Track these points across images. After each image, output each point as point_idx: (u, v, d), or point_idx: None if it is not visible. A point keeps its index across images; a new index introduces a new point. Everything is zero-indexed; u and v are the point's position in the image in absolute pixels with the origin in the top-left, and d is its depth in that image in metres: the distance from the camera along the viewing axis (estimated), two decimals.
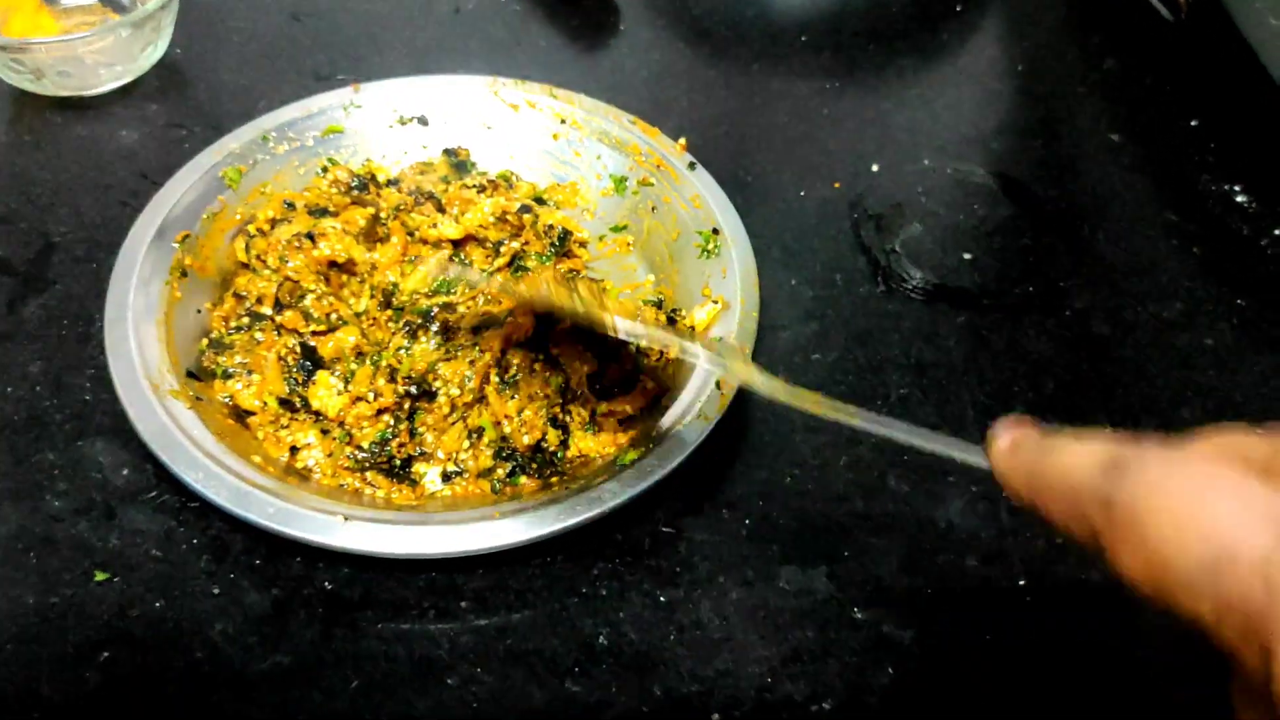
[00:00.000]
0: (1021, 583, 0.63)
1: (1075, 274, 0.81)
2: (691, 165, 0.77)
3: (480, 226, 0.74)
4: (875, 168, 0.88)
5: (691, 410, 0.64)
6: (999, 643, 0.61)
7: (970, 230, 0.84)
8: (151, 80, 0.89)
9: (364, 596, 0.60)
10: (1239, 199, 0.88)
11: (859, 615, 0.61)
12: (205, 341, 0.69)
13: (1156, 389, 0.74)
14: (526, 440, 0.65)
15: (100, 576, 0.60)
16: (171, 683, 0.56)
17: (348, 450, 0.65)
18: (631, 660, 0.59)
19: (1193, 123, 0.95)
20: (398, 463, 0.65)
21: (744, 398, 0.71)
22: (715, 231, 0.74)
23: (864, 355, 0.74)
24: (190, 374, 0.67)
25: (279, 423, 0.66)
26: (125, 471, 0.64)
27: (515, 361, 0.68)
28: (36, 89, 0.85)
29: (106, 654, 0.57)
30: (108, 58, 0.84)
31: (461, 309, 0.70)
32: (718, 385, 0.65)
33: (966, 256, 0.82)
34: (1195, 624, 0.31)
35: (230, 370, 0.67)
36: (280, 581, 0.60)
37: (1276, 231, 0.85)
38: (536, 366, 0.68)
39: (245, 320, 0.70)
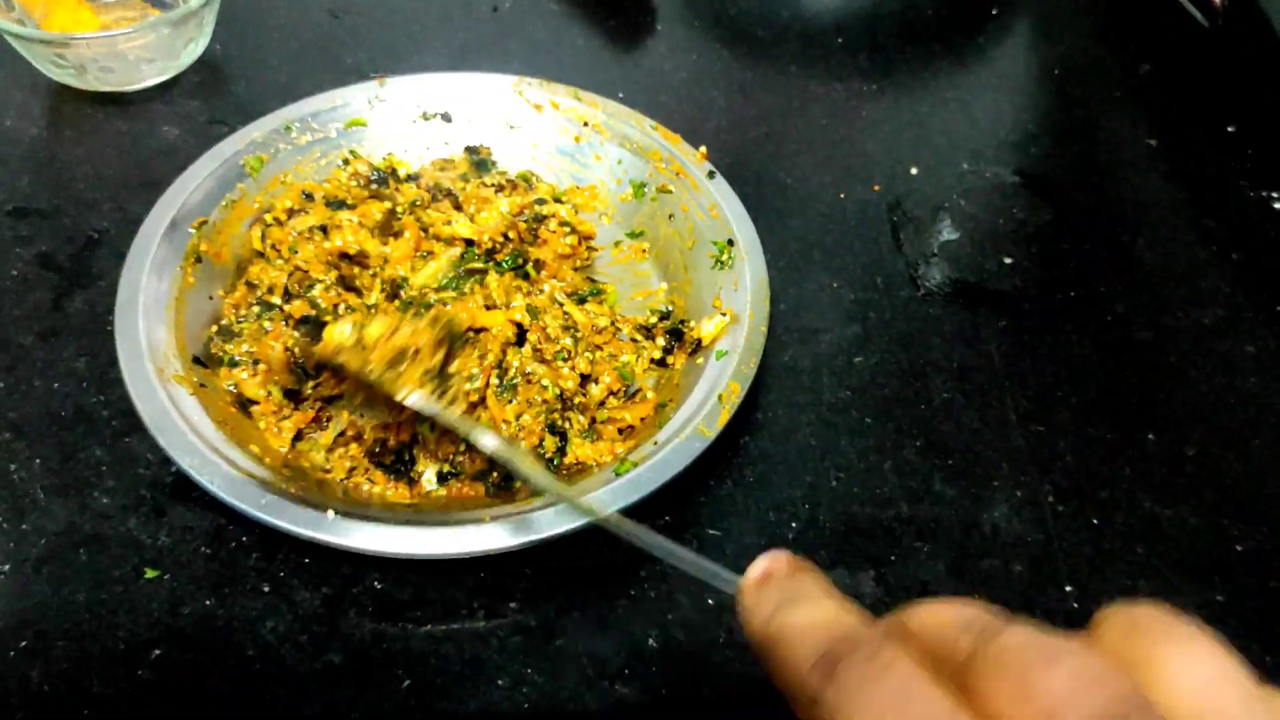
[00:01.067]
0: (1068, 589, 0.63)
1: (1115, 279, 0.81)
2: (711, 174, 0.77)
3: (493, 228, 0.74)
4: (914, 171, 0.88)
5: (691, 424, 0.63)
6: None
7: (1009, 234, 0.84)
8: (192, 77, 0.89)
9: (414, 596, 0.60)
10: (1277, 205, 0.88)
11: None
12: (214, 328, 0.69)
13: (1199, 395, 0.74)
14: (524, 445, 0.65)
15: (150, 574, 0.60)
16: (223, 680, 0.57)
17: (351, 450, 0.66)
18: (681, 662, 0.59)
19: (1229, 128, 0.95)
20: (392, 458, 0.65)
21: (786, 395, 0.71)
22: (730, 243, 0.73)
23: (906, 359, 0.74)
24: (197, 360, 0.67)
25: (281, 413, 0.67)
26: (173, 468, 0.64)
27: (515, 365, 0.67)
28: (79, 84, 0.85)
29: (158, 651, 0.57)
30: (150, 53, 0.85)
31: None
32: (720, 399, 0.64)
33: (1006, 260, 0.82)
34: None
35: (237, 359, 0.67)
36: (330, 580, 0.61)
37: None
38: (537, 372, 0.68)
39: (255, 309, 0.70)
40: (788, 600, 0.37)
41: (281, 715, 0.56)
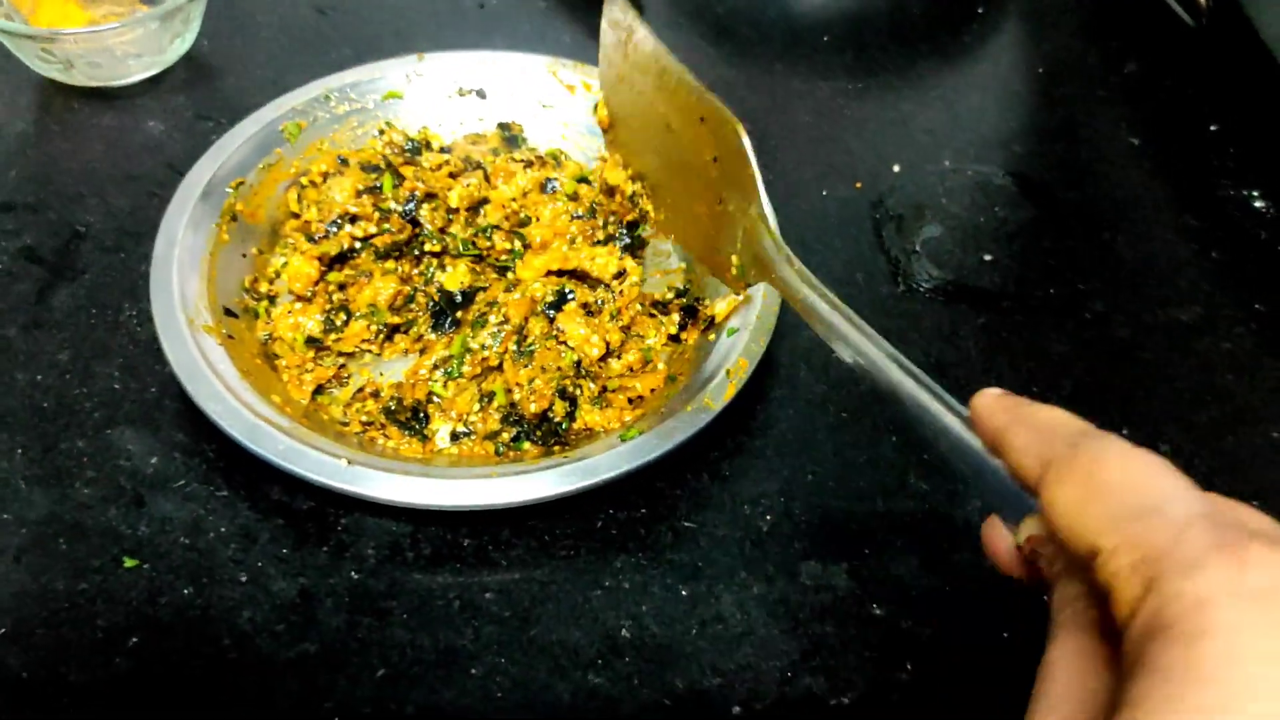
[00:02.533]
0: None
1: (1095, 277, 0.82)
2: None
3: (511, 200, 0.76)
4: (896, 168, 0.89)
5: (698, 397, 0.65)
6: (1017, 640, 0.61)
7: (990, 232, 0.85)
8: (179, 72, 0.90)
9: (390, 586, 0.61)
10: (1258, 204, 0.88)
11: (879, 611, 0.62)
12: (247, 281, 0.72)
13: (1176, 392, 0.74)
14: (533, 408, 0.66)
15: (129, 563, 0.61)
16: (199, 669, 0.57)
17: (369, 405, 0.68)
18: (654, 653, 0.60)
19: (1212, 127, 0.95)
20: (408, 414, 0.68)
21: (762, 389, 0.72)
22: None
23: None
24: (228, 311, 0.69)
25: (304, 366, 0.69)
26: (154, 460, 0.65)
27: (536, 332, 0.69)
28: (66, 79, 0.85)
29: (135, 640, 0.58)
30: (137, 49, 0.85)
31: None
32: (728, 374, 0.65)
33: (987, 258, 0.82)
34: (1085, 555, 0.35)
35: (275, 296, 0.72)
36: (307, 571, 0.61)
37: None
38: (551, 342, 0.69)
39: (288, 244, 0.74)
40: (1032, 403, 0.41)
41: (255, 703, 0.56)
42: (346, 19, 0.97)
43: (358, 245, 0.73)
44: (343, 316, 0.70)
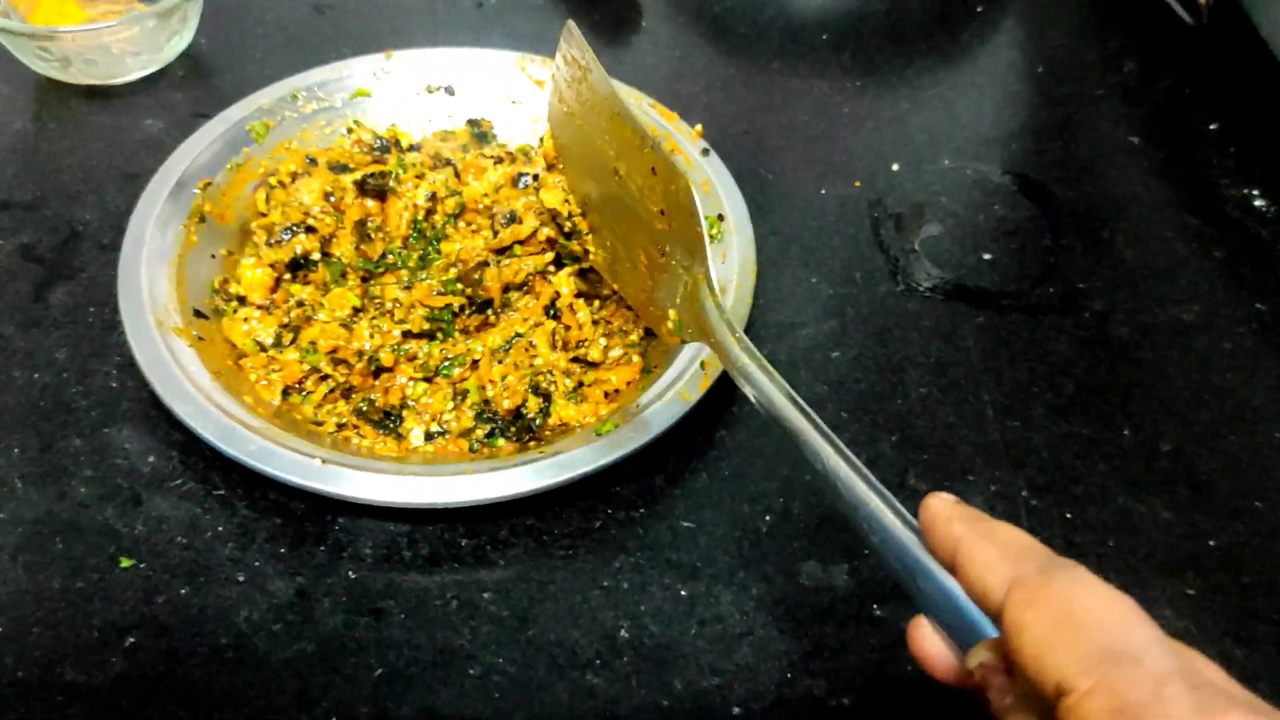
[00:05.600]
0: None
1: (1094, 276, 0.81)
2: (705, 151, 0.79)
3: (483, 195, 0.76)
4: (895, 167, 0.88)
5: (673, 389, 0.65)
6: None
7: (989, 230, 0.84)
8: (177, 70, 0.90)
9: (387, 586, 0.61)
10: (1258, 203, 0.88)
11: (879, 612, 0.62)
12: (216, 282, 0.71)
13: (1175, 391, 0.74)
14: (507, 404, 0.66)
15: (126, 563, 0.61)
16: (195, 669, 0.57)
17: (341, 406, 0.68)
18: (652, 653, 0.59)
19: (1212, 126, 0.95)
20: (380, 415, 0.67)
21: (743, 401, 0.71)
22: (720, 217, 0.74)
23: (883, 354, 0.75)
24: (198, 313, 0.69)
25: (270, 367, 0.68)
26: (151, 458, 0.65)
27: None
28: (63, 77, 0.85)
29: (131, 639, 0.58)
30: (134, 47, 0.85)
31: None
32: (701, 365, 0.66)
33: (986, 257, 0.82)
34: (1049, 688, 0.35)
35: (238, 298, 0.71)
36: (305, 570, 0.61)
37: None
38: (543, 354, 0.69)
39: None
40: (988, 518, 0.42)
41: (252, 702, 0.56)
42: (345, 17, 0.97)
43: (315, 256, 0.72)
44: (290, 337, 0.69)
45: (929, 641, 0.42)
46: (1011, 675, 0.39)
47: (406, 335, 0.69)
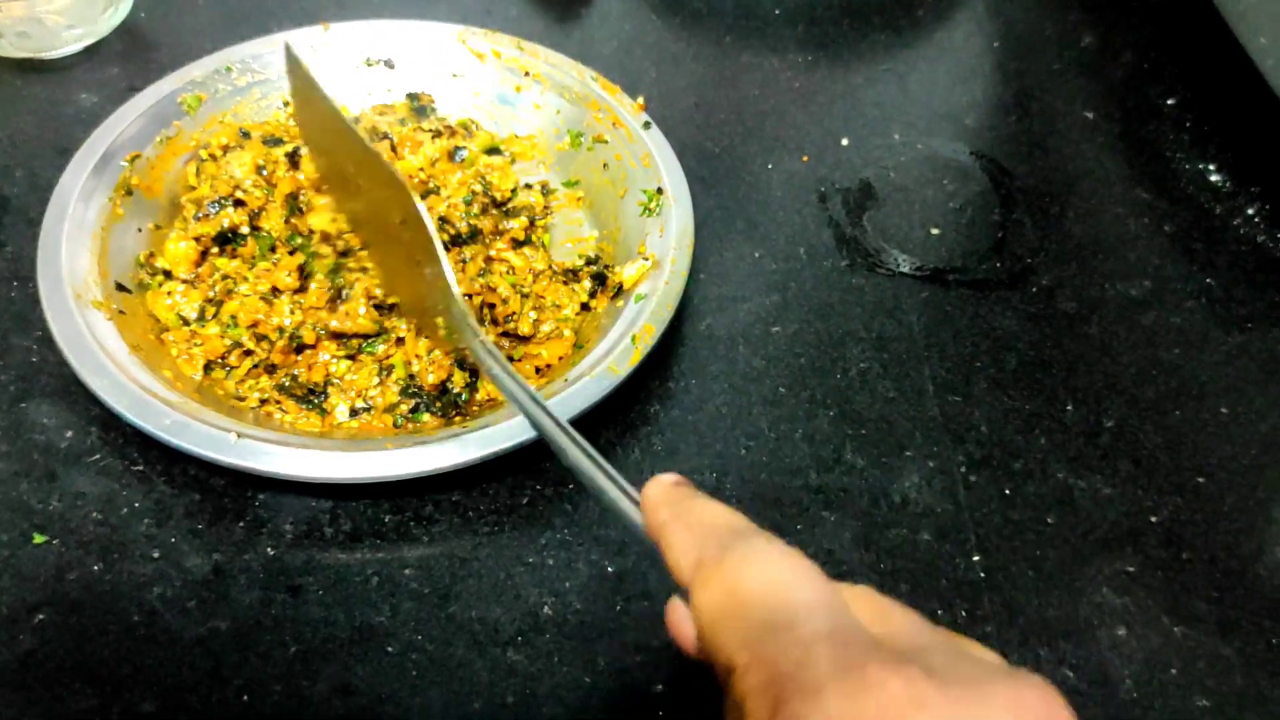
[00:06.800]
0: (976, 558, 0.63)
1: (1043, 251, 0.80)
2: (646, 125, 0.77)
3: (419, 169, 0.75)
4: (844, 142, 0.87)
5: (603, 364, 0.63)
6: (951, 616, 0.60)
7: (939, 206, 0.83)
8: (113, 43, 0.88)
9: (306, 563, 0.59)
10: (1213, 178, 0.87)
11: None
12: (141, 256, 0.70)
13: (1121, 366, 0.73)
14: (432, 379, 0.65)
15: (39, 539, 0.59)
16: (105, 646, 0.56)
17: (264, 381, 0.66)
18: (575, 630, 0.58)
19: (1169, 101, 0.94)
20: (304, 390, 0.66)
21: (700, 363, 0.70)
22: (659, 190, 0.73)
23: (825, 328, 0.74)
24: (120, 286, 0.67)
25: (192, 341, 0.67)
26: (69, 434, 0.63)
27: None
28: None
29: (41, 616, 0.56)
30: (69, 20, 0.83)
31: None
32: (633, 340, 0.64)
33: (934, 232, 0.81)
34: (722, 668, 0.35)
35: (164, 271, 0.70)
36: (222, 547, 0.60)
37: (1249, 211, 0.84)
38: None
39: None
40: (698, 496, 0.41)
41: (163, 680, 0.55)
42: None
43: (244, 230, 0.71)
44: (213, 311, 0.68)
45: (678, 619, 0.40)
46: None
47: (337, 336, 0.67)
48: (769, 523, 0.62)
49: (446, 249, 0.64)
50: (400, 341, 0.66)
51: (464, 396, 0.65)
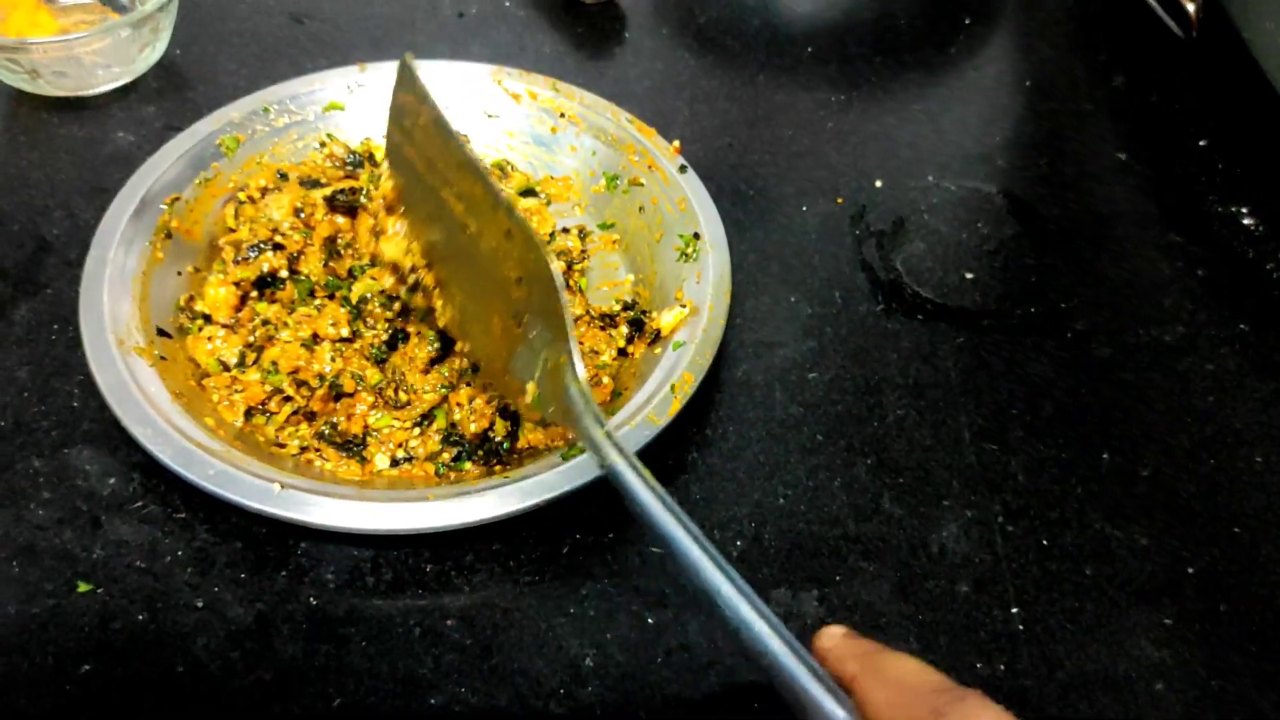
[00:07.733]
0: (1014, 610, 0.63)
1: (1077, 295, 0.80)
2: (683, 168, 0.77)
3: None
4: (878, 183, 0.87)
5: (642, 412, 0.63)
6: (990, 669, 0.60)
7: (973, 249, 0.83)
8: (150, 82, 0.89)
9: (349, 613, 0.60)
10: (1245, 221, 0.87)
11: None
12: (181, 300, 0.70)
13: (1156, 414, 0.73)
14: (474, 428, 0.65)
15: (83, 588, 0.59)
16: (151, 697, 0.56)
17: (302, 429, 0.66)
18: (617, 683, 0.58)
19: (1201, 143, 0.94)
20: (343, 439, 0.66)
21: (737, 411, 0.70)
22: (696, 236, 0.73)
23: (861, 374, 0.74)
24: (161, 332, 0.68)
25: (233, 387, 0.67)
26: (111, 481, 0.64)
27: None
28: (33, 89, 0.84)
29: (87, 667, 0.57)
30: (105, 58, 0.84)
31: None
32: (672, 389, 0.64)
33: (968, 275, 0.81)
34: None
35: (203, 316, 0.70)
36: (265, 596, 0.60)
37: None
38: None
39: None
40: (882, 649, 0.43)
41: None
42: (323, 28, 0.96)
43: (283, 274, 0.71)
44: (254, 356, 0.68)
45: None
46: None
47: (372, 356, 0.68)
48: (808, 574, 0.63)
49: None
50: (452, 389, 0.67)
51: (505, 445, 0.66)
